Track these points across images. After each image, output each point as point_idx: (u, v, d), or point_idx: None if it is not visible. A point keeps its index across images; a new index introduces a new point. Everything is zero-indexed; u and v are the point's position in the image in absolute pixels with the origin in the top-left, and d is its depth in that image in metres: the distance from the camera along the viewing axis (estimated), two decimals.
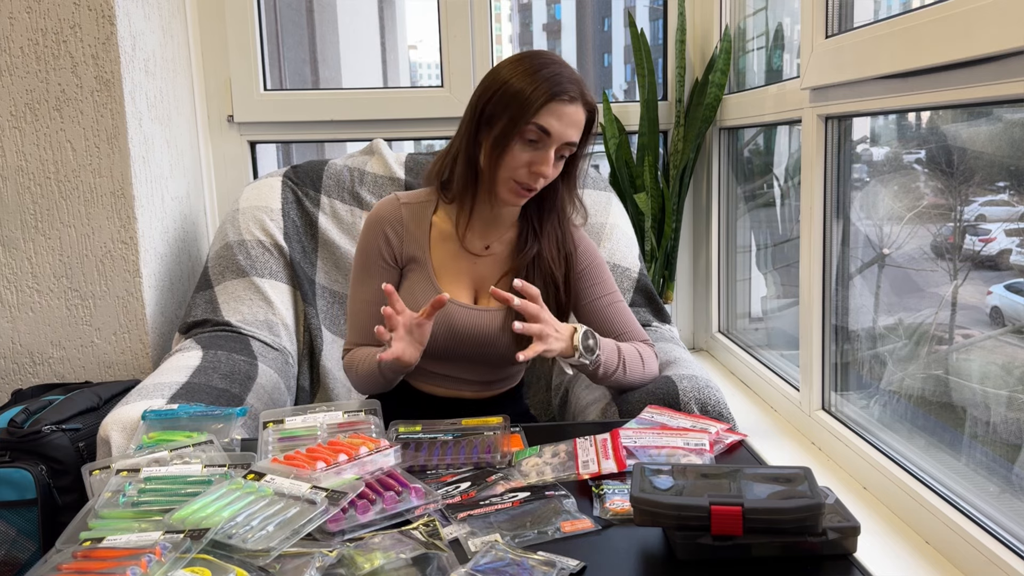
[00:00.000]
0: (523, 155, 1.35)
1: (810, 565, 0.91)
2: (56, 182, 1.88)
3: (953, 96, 1.24)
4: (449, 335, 1.43)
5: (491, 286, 1.41)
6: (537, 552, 0.93)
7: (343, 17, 4.89)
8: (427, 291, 1.44)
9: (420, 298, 1.43)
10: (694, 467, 1.05)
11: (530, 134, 1.34)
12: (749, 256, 2.43)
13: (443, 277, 1.46)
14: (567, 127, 1.34)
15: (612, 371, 1.42)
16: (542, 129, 1.33)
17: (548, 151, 1.34)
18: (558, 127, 1.33)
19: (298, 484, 1.03)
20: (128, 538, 0.92)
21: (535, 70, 1.34)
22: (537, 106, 1.32)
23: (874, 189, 1.71)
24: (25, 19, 1.82)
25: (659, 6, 2.48)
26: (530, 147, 1.35)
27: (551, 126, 1.33)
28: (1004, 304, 1.40)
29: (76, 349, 1.94)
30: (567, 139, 1.35)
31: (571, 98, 1.33)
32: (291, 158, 3.19)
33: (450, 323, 1.43)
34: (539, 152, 1.35)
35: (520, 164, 1.36)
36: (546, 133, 1.33)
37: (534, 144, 1.35)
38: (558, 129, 1.33)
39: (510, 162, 1.36)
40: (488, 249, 1.49)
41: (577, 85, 1.35)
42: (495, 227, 1.49)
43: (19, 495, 1.49)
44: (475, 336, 1.44)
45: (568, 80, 1.34)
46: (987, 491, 1.29)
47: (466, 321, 1.44)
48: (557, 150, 1.36)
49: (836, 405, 1.75)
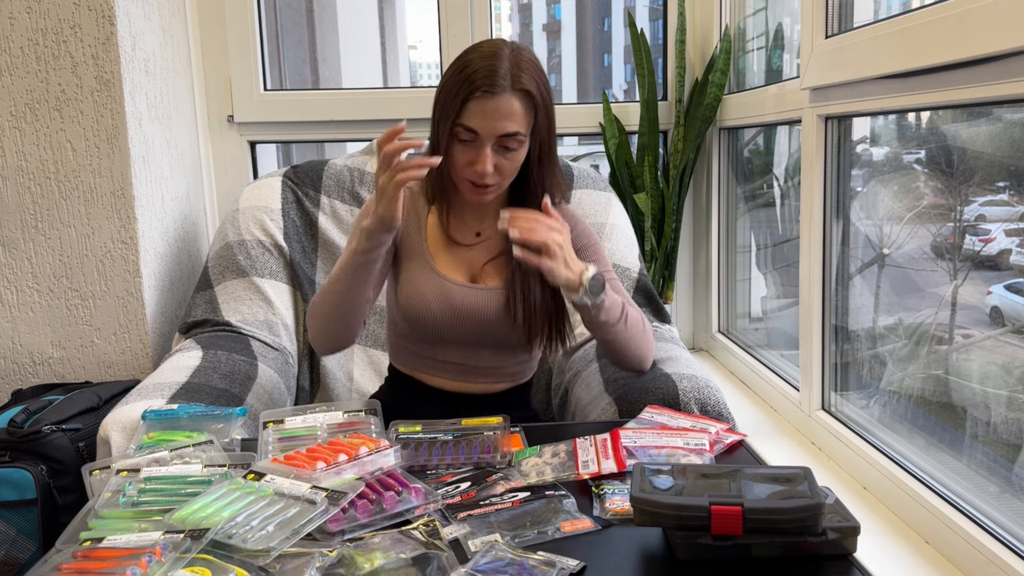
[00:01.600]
0: (463, 156, 1.34)
1: (810, 565, 0.91)
2: (56, 182, 1.88)
3: (953, 96, 1.24)
4: (450, 313, 1.43)
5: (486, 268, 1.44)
6: (537, 552, 0.93)
7: (343, 17, 4.89)
8: (428, 278, 1.45)
9: (422, 286, 1.44)
10: (694, 467, 1.05)
11: (461, 135, 1.32)
12: (749, 256, 2.43)
13: (440, 263, 1.47)
14: (495, 121, 1.30)
15: (614, 321, 1.39)
16: (468, 129, 1.31)
17: (483, 149, 1.32)
18: (483, 124, 1.30)
19: (298, 484, 1.02)
20: (128, 538, 0.92)
21: (459, 69, 1.33)
22: (458, 107, 1.30)
23: (874, 189, 1.71)
24: (25, 19, 1.82)
25: (659, 6, 2.49)
26: (466, 147, 1.33)
27: (476, 124, 1.30)
28: (1004, 304, 1.40)
29: (76, 349, 1.94)
30: (499, 132, 1.31)
31: (492, 92, 1.29)
32: (291, 158, 3.20)
33: (450, 302, 1.43)
34: (475, 150, 1.33)
35: (463, 164, 1.35)
36: (474, 132, 1.31)
37: (468, 144, 1.33)
38: (484, 126, 1.30)
39: (455, 163, 1.36)
40: (479, 236, 1.49)
41: (498, 76, 1.29)
42: (482, 215, 1.49)
43: (19, 495, 1.49)
44: (475, 314, 1.44)
45: (488, 73, 1.29)
46: (987, 491, 1.29)
47: (465, 299, 1.44)
48: (499, 143, 1.32)
49: (836, 405, 1.75)
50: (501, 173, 1.36)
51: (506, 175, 1.38)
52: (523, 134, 1.34)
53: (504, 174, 1.37)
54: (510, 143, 1.33)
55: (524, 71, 1.32)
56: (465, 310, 1.44)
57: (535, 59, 1.38)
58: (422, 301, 1.44)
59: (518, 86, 1.31)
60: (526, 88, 1.32)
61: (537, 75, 1.35)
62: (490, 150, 1.32)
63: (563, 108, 2.63)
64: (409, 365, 1.53)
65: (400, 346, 1.54)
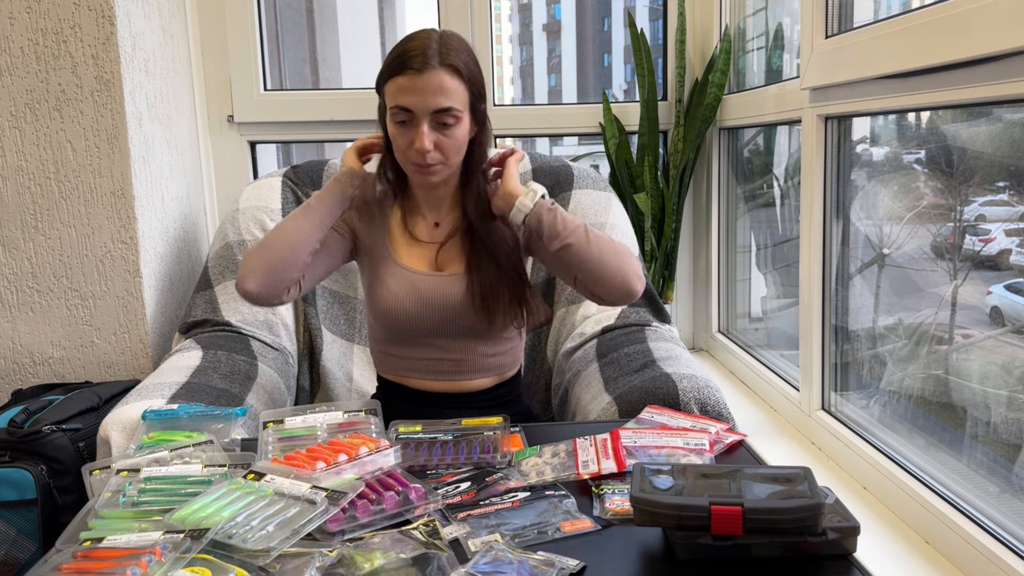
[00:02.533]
0: (403, 138, 1.37)
1: (810, 565, 0.91)
2: (56, 182, 1.88)
3: (953, 96, 1.24)
4: (421, 304, 1.46)
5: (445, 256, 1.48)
6: (537, 552, 0.93)
7: (343, 17, 4.89)
8: (396, 274, 1.48)
9: (391, 282, 1.47)
10: (694, 467, 1.05)
11: (396, 116, 1.36)
12: (749, 256, 2.43)
13: (404, 256, 1.50)
14: (425, 97, 1.33)
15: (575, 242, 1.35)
16: (403, 108, 1.34)
17: (419, 127, 1.34)
18: (413, 100, 1.33)
19: (298, 484, 1.03)
20: (128, 538, 0.92)
21: (391, 55, 1.37)
22: (389, 89, 1.36)
23: (874, 189, 1.71)
24: (25, 19, 1.82)
25: (659, 6, 2.48)
26: (405, 128, 1.36)
27: (408, 102, 1.34)
28: (1004, 304, 1.40)
29: (76, 349, 1.94)
30: (432, 108, 1.34)
31: (416, 68, 1.33)
32: (291, 158, 3.19)
33: (418, 292, 1.46)
34: (412, 129, 1.36)
35: (405, 147, 1.38)
36: (407, 111, 1.34)
37: (407, 125, 1.36)
38: (415, 102, 1.33)
39: (398, 146, 1.39)
40: (438, 227, 1.52)
41: (424, 53, 1.34)
42: (437, 206, 1.51)
43: (19, 495, 1.49)
44: (442, 300, 1.46)
45: (411, 53, 1.34)
46: (987, 491, 1.29)
47: (431, 287, 1.46)
48: (434, 119, 1.35)
49: (836, 405, 1.75)
50: (442, 150, 1.38)
51: (448, 153, 1.38)
52: (458, 109, 1.36)
53: (446, 152, 1.38)
54: (446, 119, 1.35)
55: (452, 50, 1.36)
56: (432, 298, 1.46)
57: (464, 42, 1.41)
58: (394, 298, 1.46)
59: (446, 61, 1.35)
60: (453, 64, 1.35)
61: (466, 55, 1.39)
62: (427, 127, 1.35)
63: (563, 108, 2.64)
64: (393, 371, 1.54)
65: (382, 354, 1.56)
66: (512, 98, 18.96)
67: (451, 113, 1.35)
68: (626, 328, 1.83)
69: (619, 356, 1.67)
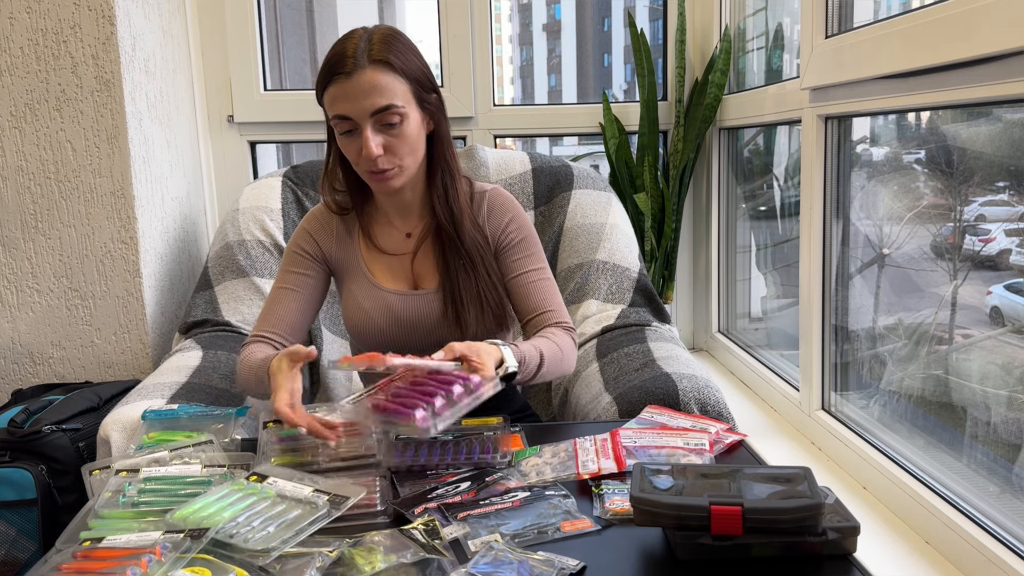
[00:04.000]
0: (351, 146, 1.32)
1: (810, 565, 0.91)
2: (56, 182, 1.88)
3: (953, 96, 1.24)
4: (395, 325, 1.42)
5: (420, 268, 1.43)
6: (537, 552, 0.93)
7: (343, 17, 4.88)
8: (369, 292, 1.43)
9: (364, 302, 1.43)
10: (694, 467, 1.05)
11: (340, 127, 1.30)
12: (749, 256, 2.43)
13: (379, 274, 1.45)
14: (361, 99, 1.27)
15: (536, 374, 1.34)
16: (341, 117, 1.29)
17: (364, 132, 1.28)
18: (349, 107, 1.28)
19: (300, 487, 1.03)
20: (128, 538, 0.92)
21: (321, 66, 1.32)
22: (326, 100, 1.30)
23: (874, 189, 1.71)
24: (25, 19, 1.82)
25: (659, 6, 2.49)
26: (351, 137, 1.31)
27: (344, 109, 1.28)
28: (1004, 304, 1.40)
29: (76, 349, 1.94)
30: (369, 110, 1.27)
31: (346, 72, 1.27)
32: (291, 158, 3.19)
33: (393, 313, 1.42)
34: (357, 138, 1.30)
35: (356, 157, 1.32)
36: (346, 119, 1.29)
37: (352, 134, 1.30)
38: (350, 108, 1.28)
39: (350, 156, 1.34)
40: (410, 237, 1.46)
41: (352, 54, 1.27)
42: (406, 215, 1.45)
43: (19, 495, 1.49)
44: (418, 320, 1.42)
45: (338, 57, 1.28)
46: (987, 491, 1.29)
47: (407, 307, 1.42)
48: (377, 121, 1.28)
49: (836, 405, 1.75)
50: (394, 153, 1.31)
51: (401, 154, 1.32)
52: (399, 106, 1.29)
53: (398, 153, 1.31)
54: (388, 118, 1.29)
55: (380, 45, 1.29)
56: (408, 318, 1.42)
57: (397, 35, 1.34)
58: (366, 317, 1.43)
59: (374, 58, 1.28)
60: (384, 59, 1.28)
61: (400, 47, 1.31)
62: (371, 131, 1.28)
63: (563, 108, 2.64)
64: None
65: None
66: (512, 98, 18.94)
67: (392, 111, 1.28)
68: (626, 328, 1.83)
69: (619, 356, 1.67)
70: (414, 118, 1.32)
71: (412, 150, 1.34)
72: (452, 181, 1.42)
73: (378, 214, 1.47)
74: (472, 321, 1.40)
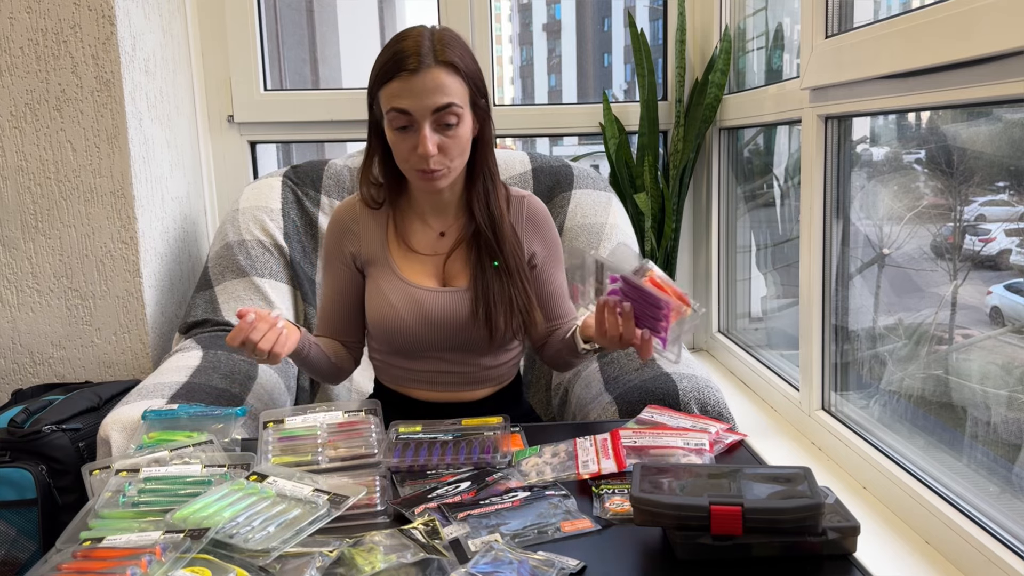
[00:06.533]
0: (404, 143, 1.31)
1: (810, 565, 0.91)
2: (56, 182, 1.88)
3: (953, 96, 1.24)
4: (423, 322, 1.42)
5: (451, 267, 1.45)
6: (537, 552, 0.93)
7: (343, 17, 4.89)
8: (396, 287, 1.43)
9: (391, 296, 1.43)
10: (694, 467, 1.05)
11: (395, 121, 1.30)
12: (749, 256, 2.44)
13: (407, 270, 1.45)
14: (423, 97, 1.27)
15: None
16: (401, 111, 1.29)
17: (421, 130, 1.29)
18: (412, 102, 1.28)
19: (300, 487, 1.03)
20: (128, 538, 0.92)
21: (379, 58, 1.32)
22: (384, 93, 1.30)
23: (874, 189, 1.71)
24: (25, 19, 1.82)
25: (659, 6, 2.48)
26: (405, 133, 1.31)
27: (407, 104, 1.28)
28: (1004, 304, 1.40)
29: (76, 349, 1.94)
30: (432, 107, 1.28)
31: (416, 69, 1.27)
32: (291, 158, 3.19)
33: (422, 310, 1.42)
34: (413, 134, 1.30)
35: (407, 153, 1.32)
36: (406, 113, 1.29)
37: (407, 130, 1.30)
38: (413, 104, 1.28)
39: (399, 153, 1.34)
40: (443, 236, 1.46)
41: (418, 52, 1.28)
42: (443, 213, 1.46)
43: (19, 495, 1.49)
44: (447, 318, 1.42)
45: (404, 53, 1.28)
46: (987, 491, 1.29)
47: (436, 304, 1.42)
48: (436, 120, 1.29)
49: (836, 405, 1.75)
50: (446, 154, 1.32)
51: (453, 155, 1.33)
52: (459, 106, 1.30)
53: (450, 155, 1.32)
54: (447, 118, 1.30)
55: (447, 46, 1.30)
56: (437, 316, 1.42)
57: (458, 37, 1.35)
58: (393, 311, 1.42)
59: (441, 58, 1.29)
60: (450, 60, 1.29)
61: (461, 49, 1.33)
62: (428, 130, 1.29)
63: (563, 108, 2.64)
64: (392, 380, 1.52)
65: (381, 363, 1.54)
66: (512, 98, 18.94)
67: (452, 110, 1.29)
68: None
69: (619, 356, 1.67)
70: (468, 120, 1.34)
71: (462, 152, 1.35)
72: (493, 186, 1.43)
73: (411, 210, 1.47)
74: (501, 323, 1.41)
